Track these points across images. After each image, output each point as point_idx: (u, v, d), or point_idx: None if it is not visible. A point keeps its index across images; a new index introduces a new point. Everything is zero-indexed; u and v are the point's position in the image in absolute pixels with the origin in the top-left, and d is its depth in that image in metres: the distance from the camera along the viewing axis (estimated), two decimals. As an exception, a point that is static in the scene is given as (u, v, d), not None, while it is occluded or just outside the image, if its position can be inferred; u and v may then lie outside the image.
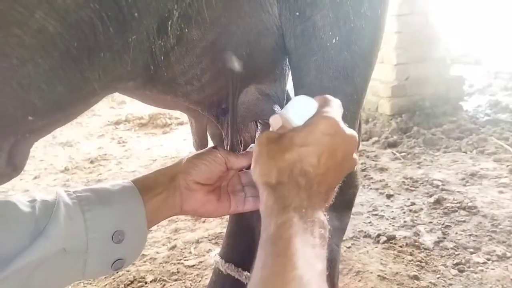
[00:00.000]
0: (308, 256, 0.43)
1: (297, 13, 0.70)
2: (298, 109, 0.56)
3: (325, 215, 0.51)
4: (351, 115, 0.81)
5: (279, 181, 0.50)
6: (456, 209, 1.96)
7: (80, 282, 1.66)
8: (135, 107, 4.29)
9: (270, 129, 0.59)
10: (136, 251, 0.62)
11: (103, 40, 0.50)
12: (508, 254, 1.60)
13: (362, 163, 2.60)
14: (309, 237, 0.46)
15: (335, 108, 0.56)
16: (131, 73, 0.59)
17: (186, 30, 0.60)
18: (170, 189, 0.64)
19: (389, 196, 2.15)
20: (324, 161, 0.51)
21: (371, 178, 2.39)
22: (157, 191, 0.63)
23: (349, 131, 0.54)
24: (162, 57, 0.60)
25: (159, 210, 0.63)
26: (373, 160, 2.66)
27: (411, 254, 1.66)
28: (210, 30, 0.65)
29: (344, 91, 0.77)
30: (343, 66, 0.74)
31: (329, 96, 0.58)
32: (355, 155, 0.56)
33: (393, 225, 1.88)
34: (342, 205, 0.95)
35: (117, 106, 4.65)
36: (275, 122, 0.57)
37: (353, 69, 0.75)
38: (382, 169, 2.50)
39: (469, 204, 1.97)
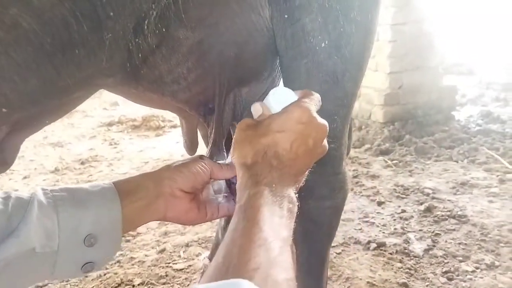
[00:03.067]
0: (275, 223, 0.48)
1: (286, 16, 0.70)
2: (278, 99, 0.60)
3: (295, 193, 0.56)
4: (341, 119, 0.81)
5: (254, 161, 0.56)
6: (446, 217, 1.96)
7: (66, 284, 1.63)
8: (128, 109, 4.27)
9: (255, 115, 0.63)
10: (108, 255, 0.61)
11: (77, 37, 0.51)
12: (497, 263, 1.60)
13: (354, 170, 2.60)
14: (277, 208, 0.51)
15: (312, 100, 0.60)
16: (108, 70, 0.59)
17: (164, 30, 0.61)
18: (154, 195, 0.63)
19: (380, 203, 2.15)
20: (296, 146, 0.56)
21: (363, 185, 2.39)
22: (139, 196, 0.62)
23: (321, 120, 0.59)
24: (140, 55, 0.61)
25: (140, 214, 0.63)
26: (365, 167, 2.66)
27: (400, 262, 1.66)
28: (196, 30, 0.65)
29: (334, 95, 0.77)
30: (333, 70, 0.74)
31: (310, 91, 0.63)
32: (325, 143, 0.61)
33: (383, 232, 1.89)
34: (332, 210, 0.95)
35: (110, 108, 4.63)
36: (255, 109, 0.61)
37: (343, 73, 0.75)
38: (373, 176, 2.51)
39: (459, 212, 1.98)
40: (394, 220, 1.99)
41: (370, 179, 2.48)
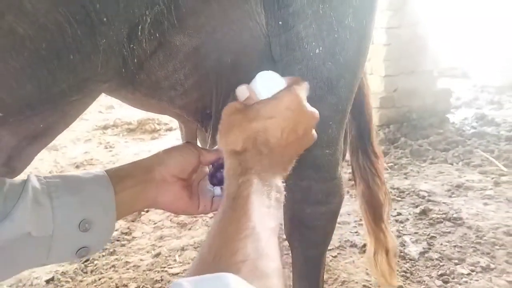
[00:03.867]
0: (263, 213, 0.48)
1: (280, 22, 0.70)
2: (265, 83, 0.59)
3: (283, 182, 0.56)
4: (336, 125, 0.81)
5: (244, 148, 0.54)
6: (442, 220, 1.97)
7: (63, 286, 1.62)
8: (124, 112, 4.26)
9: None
10: (102, 240, 0.62)
11: (71, 43, 0.51)
12: (492, 266, 1.61)
13: (349, 173, 2.60)
14: (265, 198, 0.50)
15: (301, 87, 0.59)
16: (104, 75, 0.59)
17: (159, 36, 0.61)
18: (145, 181, 0.64)
19: (375, 206, 2.15)
20: (287, 134, 0.55)
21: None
22: (131, 182, 0.63)
23: (311, 108, 0.58)
24: (136, 61, 0.61)
25: (132, 200, 0.64)
26: (360, 170, 2.67)
27: (396, 264, 1.66)
28: (192, 37, 0.66)
29: (328, 101, 0.77)
30: (328, 76, 0.74)
31: (299, 78, 0.62)
32: (313, 131, 0.61)
33: (379, 235, 1.89)
34: (328, 215, 0.94)
35: (105, 111, 4.61)
36: (241, 93, 0.60)
37: (338, 79, 0.76)
38: (369, 179, 2.51)
39: (455, 215, 1.99)
40: (390, 222, 1.99)
41: (366, 182, 2.48)
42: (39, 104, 0.56)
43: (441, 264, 1.65)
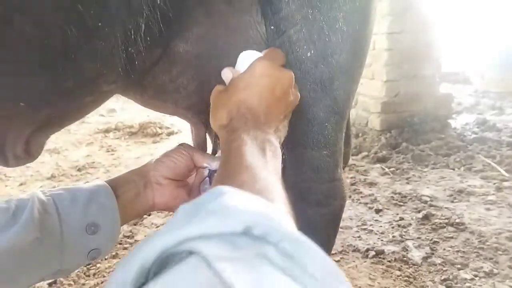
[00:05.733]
0: (258, 160, 0.50)
1: (272, 27, 0.73)
2: (246, 61, 0.63)
3: (275, 138, 0.59)
4: (332, 126, 0.82)
5: (230, 119, 0.59)
6: (444, 225, 1.97)
7: (62, 292, 1.62)
8: (126, 116, 4.27)
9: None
10: (111, 241, 0.65)
11: (73, 44, 0.55)
12: (495, 271, 1.61)
13: (351, 177, 2.61)
14: (258, 150, 0.53)
15: (274, 54, 0.65)
16: (108, 76, 0.63)
17: (155, 42, 0.64)
18: (141, 185, 0.69)
19: (378, 211, 2.16)
20: (265, 97, 0.60)
21: (361, 192, 2.40)
22: (128, 188, 0.68)
23: (284, 70, 0.63)
24: (138, 65, 0.65)
25: (131, 204, 0.68)
26: (362, 175, 2.67)
27: (399, 270, 1.65)
28: (195, 45, 0.70)
29: (323, 102, 0.78)
30: (320, 78, 0.76)
31: (275, 47, 0.67)
32: (295, 91, 0.65)
33: (381, 240, 1.88)
34: (328, 217, 0.95)
35: (107, 114, 4.62)
36: (225, 75, 0.65)
37: (332, 81, 0.77)
38: (371, 184, 2.51)
39: (457, 220, 1.98)
40: (392, 227, 1.99)
41: (368, 187, 2.48)
42: (52, 98, 0.60)
43: (444, 269, 1.64)
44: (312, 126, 0.80)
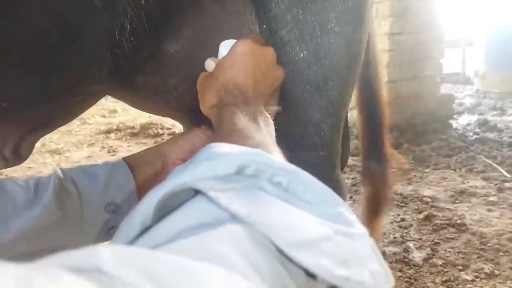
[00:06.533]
0: (250, 124, 0.52)
1: (265, 26, 0.73)
2: (227, 49, 0.65)
3: (267, 111, 0.61)
4: (328, 127, 0.82)
5: (219, 98, 0.60)
6: (445, 226, 1.97)
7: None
8: (127, 116, 4.27)
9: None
10: None
11: (58, 45, 0.55)
12: (496, 272, 1.61)
13: (352, 178, 2.61)
14: (250, 118, 0.54)
15: (251, 35, 0.66)
16: (93, 77, 0.64)
17: (142, 43, 0.65)
18: (159, 166, 0.69)
19: (379, 212, 2.15)
20: (251, 74, 0.61)
21: (362, 193, 2.39)
22: (145, 168, 0.68)
23: (265, 46, 0.65)
24: (126, 65, 0.65)
25: (149, 184, 0.67)
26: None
27: (400, 270, 1.65)
28: (186, 45, 0.70)
29: (317, 103, 0.78)
30: (314, 79, 0.76)
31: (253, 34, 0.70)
32: (279, 66, 0.67)
33: (383, 241, 1.88)
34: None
35: (109, 115, 4.62)
36: (208, 65, 0.66)
37: (325, 82, 0.77)
38: (372, 185, 2.51)
39: (458, 221, 1.98)
40: (394, 228, 1.99)
41: (369, 188, 2.48)
42: (39, 99, 0.61)
43: (445, 270, 1.65)
44: (308, 128, 0.80)
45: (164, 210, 0.30)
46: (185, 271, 0.21)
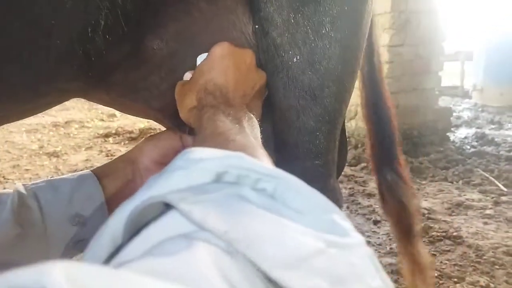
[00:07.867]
0: (232, 125, 0.49)
1: (257, 26, 0.70)
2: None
3: (250, 112, 0.59)
4: (324, 135, 0.79)
5: (199, 99, 0.58)
6: (442, 238, 1.97)
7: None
8: (126, 121, 4.27)
9: None
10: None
11: (28, 41, 0.54)
12: (492, 286, 1.60)
13: (350, 188, 2.61)
14: (233, 119, 0.51)
15: (227, 41, 0.65)
16: (66, 74, 0.62)
17: (119, 38, 0.63)
18: (129, 173, 0.66)
19: (376, 222, 2.16)
20: (231, 75, 0.60)
21: (359, 203, 2.40)
22: (116, 176, 0.65)
23: (243, 48, 0.65)
24: (101, 61, 0.63)
25: (120, 193, 0.65)
26: (361, 186, 2.67)
27: (396, 282, 1.65)
28: (170, 42, 0.67)
29: (313, 111, 0.75)
30: (309, 85, 0.73)
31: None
32: (260, 69, 0.67)
33: (379, 252, 1.88)
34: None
35: (107, 119, 4.62)
36: (187, 77, 0.65)
37: (321, 89, 0.74)
38: (369, 195, 2.51)
39: (454, 233, 1.99)
40: (390, 239, 1.99)
41: (366, 198, 2.48)
42: (6, 99, 0.60)
43: (440, 282, 1.64)
44: (303, 136, 0.77)
45: (138, 225, 0.27)
46: None
